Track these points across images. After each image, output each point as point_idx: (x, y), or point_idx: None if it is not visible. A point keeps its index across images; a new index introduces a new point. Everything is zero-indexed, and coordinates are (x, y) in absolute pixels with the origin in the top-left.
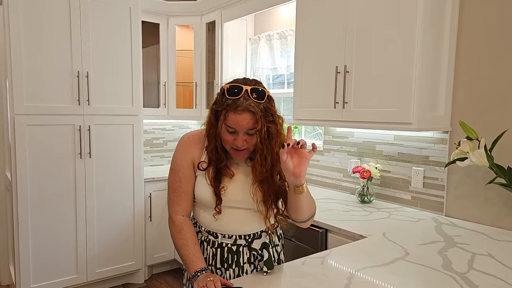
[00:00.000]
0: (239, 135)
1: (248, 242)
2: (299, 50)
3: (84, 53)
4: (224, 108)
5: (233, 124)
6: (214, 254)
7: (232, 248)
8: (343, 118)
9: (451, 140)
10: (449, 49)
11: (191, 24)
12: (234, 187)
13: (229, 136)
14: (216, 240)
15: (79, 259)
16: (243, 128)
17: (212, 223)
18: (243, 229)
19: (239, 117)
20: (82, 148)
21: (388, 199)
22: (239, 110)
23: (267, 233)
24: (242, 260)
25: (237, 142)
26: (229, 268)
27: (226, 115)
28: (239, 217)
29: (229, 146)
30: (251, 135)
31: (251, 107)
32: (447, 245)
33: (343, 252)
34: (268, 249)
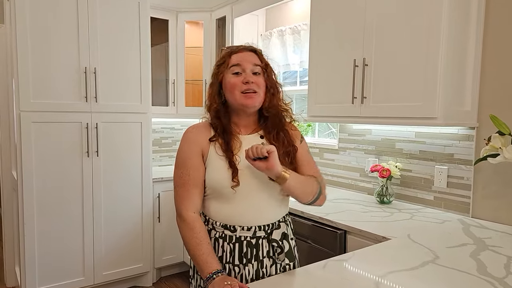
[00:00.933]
0: (246, 71)
1: (268, 234)
2: (314, 43)
3: (91, 49)
4: (225, 54)
5: (238, 60)
6: (232, 250)
7: (251, 241)
8: (362, 114)
9: (478, 137)
10: (476, 39)
11: (201, 21)
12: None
13: (236, 78)
14: (234, 234)
15: (86, 261)
16: (248, 63)
17: (229, 214)
18: (262, 217)
19: (243, 54)
20: (89, 146)
21: (408, 199)
22: (241, 49)
23: (285, 223)
24: (261, 253)
25: (247, 77)
26: (248, 264)
27: (229, 58)
28: (256, 202)
29: (238, 92)
30: (257, 74)
31: (252, 47)
32: (478, 248)
33: (366, 255)
34: (288, 240)
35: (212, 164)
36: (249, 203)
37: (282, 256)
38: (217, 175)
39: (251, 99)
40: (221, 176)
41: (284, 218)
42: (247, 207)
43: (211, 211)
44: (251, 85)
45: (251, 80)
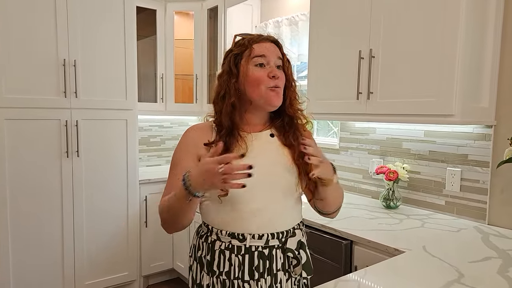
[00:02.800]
0: (271, 64)
1: (282, 243)
2: (314, 33)
3: (71, 39)
4: (246, 44)
5: (262, 51)
6: (241, 263)
7: (263, 252)
8: (368, 111)
9: (496, 136)
10: (495, 27)
11: (191, 11)
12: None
13: (261, 71)
14: (243, 244)
15: (66, 271)
16: (274, 54)
17: (234, 219)
18: (275, 223)
19: (266, 45)
20: (69, 145)
21: (417, 204)
22: (263, 39)
23: (301, 230)
24: (275, 266)
25: (274, 70)
26: (260, 279)
27: (251, 49)
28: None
29: (264, 86)
30: (280, 67)
31: (273, 37)
32: (505, 263)
33: (381, 273)
34: (305, 250)
35: None
36: (260, 206)
37: (299, 268)
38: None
39: (277, 97)
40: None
41: (299, 225)
42: (257, 211)
43: (215, 217)
44: (278, 81)
45: (278, 74)
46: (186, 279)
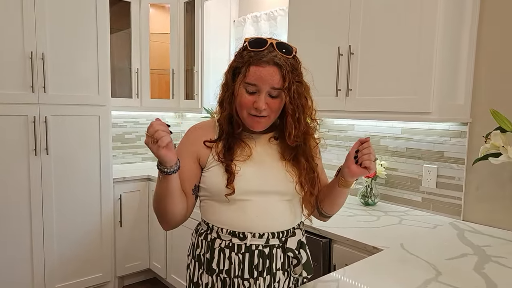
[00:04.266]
0: (261, 94)
1: (282, 242)
2: (293, 29)
3: (38, 31)
4: (245, 61)
5: (255, 79)
6: (241, 261)
7: (263, 250)
8: (347, 108)
9: (471, 133)
10: (471, 27)
11: (167, 4)
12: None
13: (248, 97)
14: (243, 242)
15: (36, 273)
16: (266, 85)
17: (236, 218)
18: (276, 223)
19: (263, 71)
20: (37, 143)
21: (394, 200)
22: (263, 62)
23: (301, 230)
24: (275, 265)
25: (258, 103)
26: (259, 277)
27: (247, 70)
28: (269, 206)
29: (247, 111)
30: (275, 98)
31: (277, 59)
32: (480, 260)
33: (360, 272)
34: (305, 249)
35: (212, 170)
36: (261, 206)
37: (299, 268)
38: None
39: (258, 124)
40: (216, 183)
41: (299, 225)
42: (259, 210)
43: (216, 215)
44: (261, 112)
45: (262, 107)
46: (163, 279)
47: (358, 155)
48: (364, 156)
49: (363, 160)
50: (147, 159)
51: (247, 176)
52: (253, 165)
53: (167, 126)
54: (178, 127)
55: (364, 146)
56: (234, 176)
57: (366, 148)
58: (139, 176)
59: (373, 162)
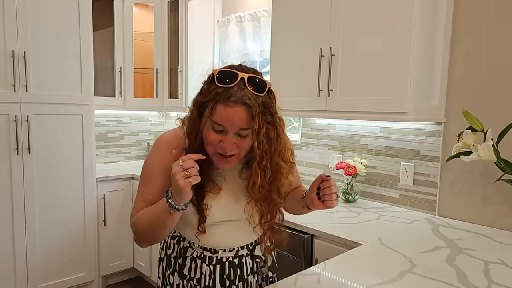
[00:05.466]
0: (228, 135)
1: (250, 250)
2: (276, 30)
3: (20, 29)
4: (211, 98)
5: (222, 120)
6: (212, 272)
7: (234, 261)
8: (328, 108)
9: (445, 132)
10: (445, 30)
11: (151, 3)
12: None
13: (215, 136)
14: (214, 255)
15: (18, 272)
16: (234, 126)
17: (205, 239)
18: (244, 239)
19: (230, 111)
20: (19, 142)
21: (374, 197)
22: (231, 102)
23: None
24: (245, 272)
25: (225, 144)
26: (231, 286)
27: (214, 108)
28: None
29: (213, 150)
30: (243, 137)
31: (246, 98)
32: (453, 252)
33: (340, 265)
34: (271, 253)
35: None
36: (230, 228)
37: (266, 269)
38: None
39: (225, 164)
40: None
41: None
42: (227, 233)
43: (187, 232)
44: (228, 152)
45: (228, 149)
46: (147, 277)
47: (320, 192)
48: (326, 196)
49: (324, 199)
50: (130, 158)
51: (216, 209)
52: (222, 199)
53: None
54: (162, 126)
55: (325, 185)
56: (205, 219)
57: (327, 188)
58: (123, 175)
59: (335, 200)
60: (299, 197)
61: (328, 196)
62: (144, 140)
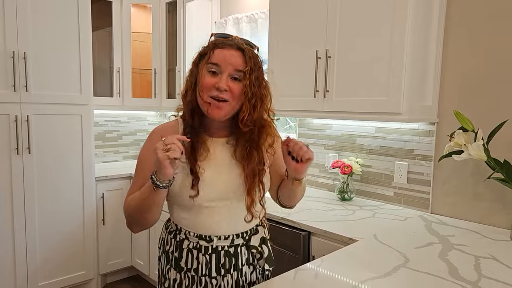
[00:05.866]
0: (223, 75)
1: (246, 240)
2: (273, 32)
3: (20, 30)
4: (209, 47)
5: (218, 59)
6: (208, 262)
7: (229, 250)
8: (324, 108)
9: (438, 132)
10: (438, 33)
11: (149, 4)
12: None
13: (210, 79)
14: (210, 244)
15: (18, 271)
16: (229, 66)
17: (201, 224)
18: (239, 226)
19: (227, 52)
20: (19, 142)
21: (369, 195)
22: (227, 45)
23: (263, 227)
24: (240, 262)
25: (220, 83)
26: (226, 274)
27: (212, 53)
28: (231, 210)
29: (207, 94)
30: (237, 80)
31: (240, 44)
32: (445, 248)
33: (336, 261)
34: (267, 245)
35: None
36: (224, 211)
37: (262, 261)
38: (178, 184)
39: (217, 110)
40: (180, 184)
41: (261, 222)
42: (222, 215)
43: (182, 220)
44: (222, 93)
45: (223, 87)
46: (146, 275)
47: (294, 155)
48: (299, 152)
49: (301, 156)
50: (128, 157)
51: (210, 181)
52: (213, 168)
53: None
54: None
55: (291, 145)
56: (198, 179)
57: (295, 145)
58: (122, 175)
59: (309, 150)
60: (285, 180)
61: (301, 152)
62: (142, 139)
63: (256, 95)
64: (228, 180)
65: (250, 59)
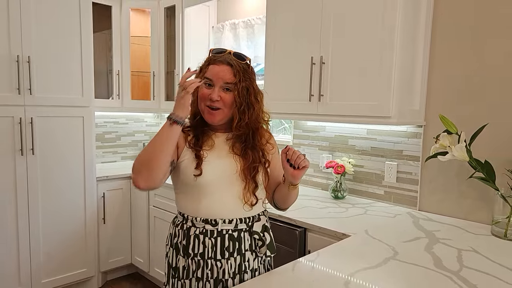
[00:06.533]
0: (215, 87)
1: (249, 226)
2: (270, 38)
3: (24, 35)
4: (206, 62)
5: (211, 74)
6: (213, 245)
7: (233, 234)
8: (319, 112)
9: (425, 134)
10: (425, 40)
11: (148, 9)
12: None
13: (206, 91)
14: (215, 228)
15: (22, 269)
16: (220, 79)
17: (209, 207)
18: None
19: (218, 68)
20: (23, 143)
21: (361, 194)
22: (218, 62)
23: (265, 216)
24: (243, 247)
25: (212, 94)
26: (230, 257)
27: (207, 68)
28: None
29: (204, 103)
30: (228, 91)
31: (230, 60)
32: (430, 242)
33: (331, 254)
34: (269, 232)
35: (183, 160)
36: (228, 194)
37: (264, 248)
38: (185, 168)
39: (211, 116)
40: (186, 165)
41: (263, 212)
42: (226, 198)
43: (189, 207)
44: (214, 103)
45: (215, 98)
46: (145, 273)
47: (292, 162)
48: (297, 160)
49: (298, 164)
50: (126, 158)
51: (213, 163)
52: (215, 155)
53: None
54: (157, 127)
55: (289, 154)
56: (202, 160)
57: (293, 154)
58: (122, 175)
59: (305, 159)
60: (282, 184)
61: (299, 160)
62: (140, 140)
63: (244, 103)
64: (228, 164)
65: (238, 72)
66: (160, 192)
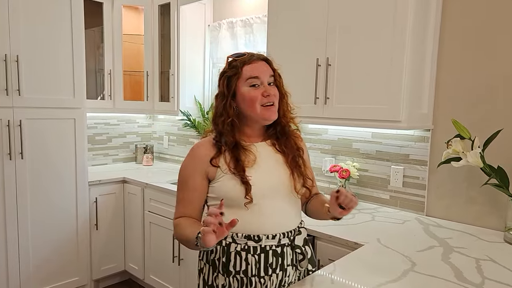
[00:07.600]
0: (264, 83)
1: (291, 240)
2: (272, 38)
3: (13, 33)
4: (237, 67)
5: (256, 72)
6: (257, 262)
7: (276, 250)
8: (325, 115)
9: (433, 138)
10: (433, 42)
11: (141, 6)
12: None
13: (255, 91)
14: (258, 244)
15: (11, 279)
16: (266, 74)
17: (249, 222)
18: (285, 222)
19: (257, 65)
20: (11, 146)
21: (366, 199)
22: (254, 60)
23: (305, 228)
24: (286, 262)
25: (267, 91)
26: (273, 274)
27: (241, 71)
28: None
29: (259, 104)
30: (272, 85)
31: (264, 56)
32: (446, 250)
33: (348, 266)
34: (309, 246)
35: (222, 181)
36: (272, 209)
37: (305, 262)
38: (229, 192)
39: (272, 112)
40: (233, 194)
41: (301, 223)
42: (270, 213)
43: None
44: (271, 98)
45: (272, 92)
46: (140, 280)
47: (344, 206)
48: (349, 204)
49: (350, 207)
50: (117, 160)
51: (257, 181)
52: (259, 169)
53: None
54: (149, 127)
55: (342, 198)
56: (250, 187)
57: (345, 198)
58: (115, 179)
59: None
60: (322, 209)
61: (350, 204)
62: (132, 142)
63: (285, 94)
64: (276, 175)
65: (273, 65)
66: (156, 197)
